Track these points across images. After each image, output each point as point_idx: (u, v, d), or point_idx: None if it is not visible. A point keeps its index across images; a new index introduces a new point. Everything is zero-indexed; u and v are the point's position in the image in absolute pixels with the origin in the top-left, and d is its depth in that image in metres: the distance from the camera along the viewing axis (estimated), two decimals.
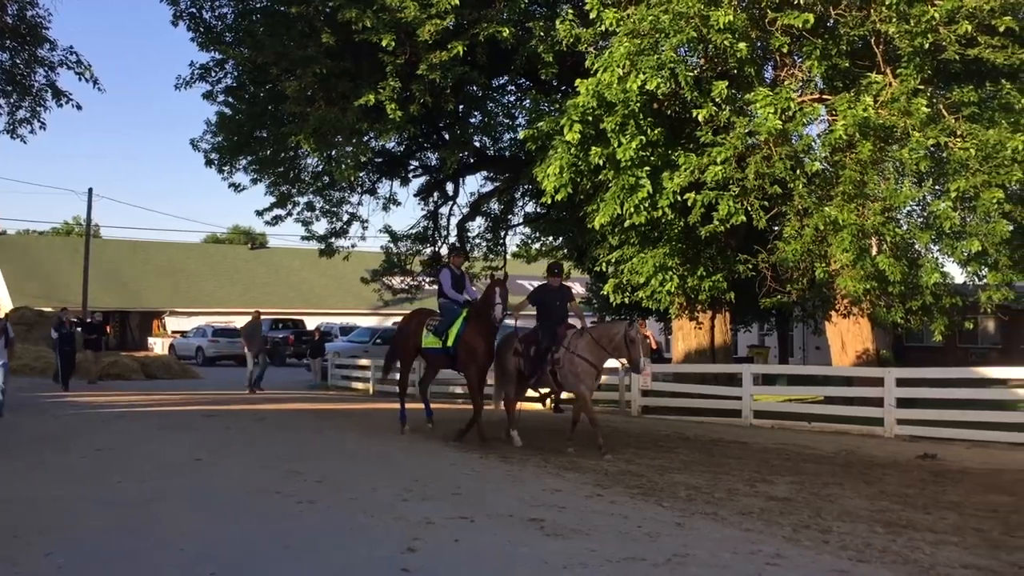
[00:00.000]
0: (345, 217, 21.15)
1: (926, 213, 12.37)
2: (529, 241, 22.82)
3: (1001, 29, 10.92)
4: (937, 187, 12.52)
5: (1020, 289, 15.02)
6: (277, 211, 20.47)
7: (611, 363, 11.93)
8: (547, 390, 11.35)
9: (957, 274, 14.13)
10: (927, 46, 11.21)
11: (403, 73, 14.58)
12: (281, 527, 6.19)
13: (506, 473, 8.90)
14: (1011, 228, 12.17)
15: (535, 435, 11.51)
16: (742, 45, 11.64)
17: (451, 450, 10.73)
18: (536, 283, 13.20)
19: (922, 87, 11.66)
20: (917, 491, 8.21)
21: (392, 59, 14.21)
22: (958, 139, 11.31)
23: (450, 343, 11.27)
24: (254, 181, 19.82)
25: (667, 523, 6.45)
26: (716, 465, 9.59)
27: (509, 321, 11.62)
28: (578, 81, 12.49)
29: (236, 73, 18.02)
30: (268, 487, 7.76)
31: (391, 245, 22.87)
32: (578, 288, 39.48)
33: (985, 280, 12.57)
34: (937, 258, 12.40)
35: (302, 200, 20.61)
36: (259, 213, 20.74)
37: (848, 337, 15.82)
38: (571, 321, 11.17)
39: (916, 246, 12.40)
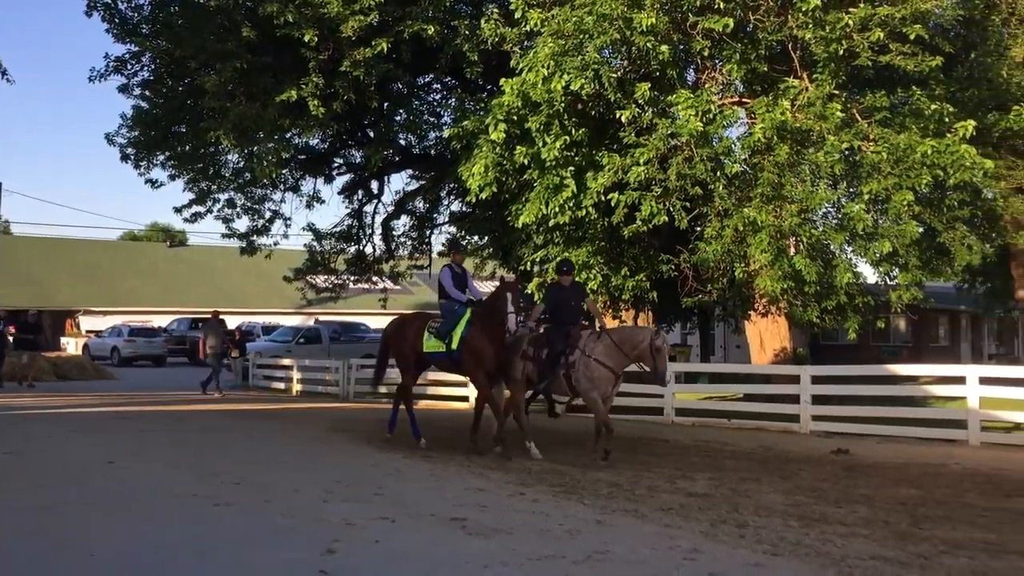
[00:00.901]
0: (267, 215, 20.81)
1: (840, 215, 12.70)
2: (455, 239, 22.76)
3: (912, 37, 11.27)
4: (851, 189, 12.87)
5: (929, 289, 15.54)
6: (196, 208, 20.00)
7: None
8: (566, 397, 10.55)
9: (869, 274, 14.58)
10: (841, 52, 11.50)
11: (326, 69, 14.41)
12: (197, 530, 6.05)
13: (429, 473, 8.86)
14: (921, 230, 12.60)
15: (458, 434, 11.48)
16: (664, 48, 11.77)
17: (375, 450, 10.63)
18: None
19: (837, 92, 11.97)
20: (830, 485, 8.44)
21: (315, 55, 14.03)
22: (871, 143, 11.64)
23: (455, 345, 10.44)
24: (172, 177, 19.34)
25: (588, 520, 6.50)
26: (638, 462, 9.69)
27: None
28: (503, 80, 12.50)
29: (153, 66, 17.57)
30: (184, 490, 7.58)
31: (315, 243, 22.59)
32: None
33: (896, 280, 12.97)
34: (850, 258, 12.74)
35: (222, 197, 20.18)
36: (177, 210, 20.26)
37: (767, 336, 16.15)
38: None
39: (831, 247, 12.72)
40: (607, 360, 9.67)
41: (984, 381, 12.08)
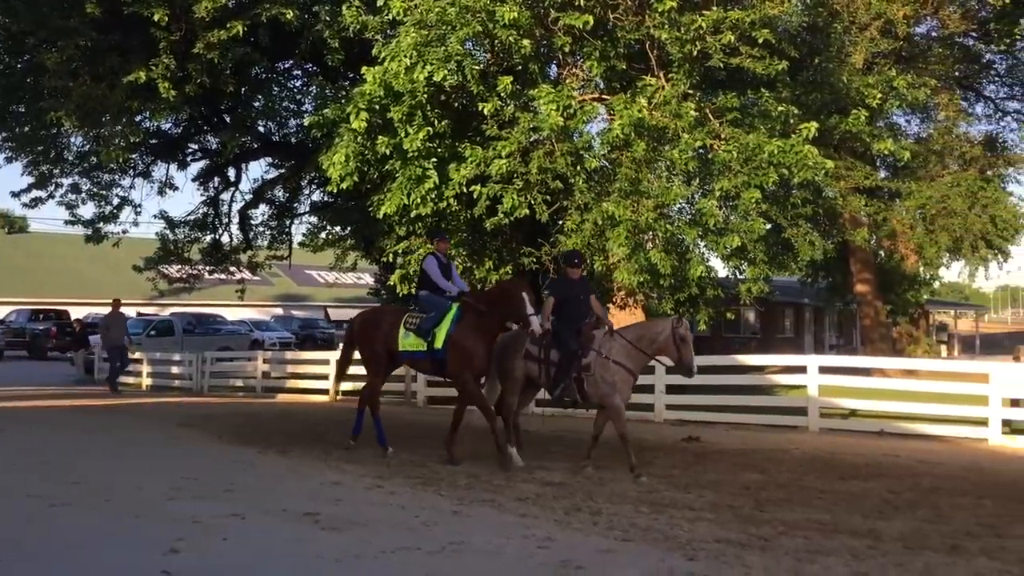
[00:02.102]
0: (115, 201, 19.82)
1: (694, 210, 13.11)
2: (316, 230, 22.31)
3: (760, 41, 11.72)
4: (704, 186, 13.30)
5: (775, 283, 16.30)
6: (37, 193, 18.86)
7: None
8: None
9: (720, 268, 15.12)
10: (695, 53, 11.86)
11: (178, 51, 13.81)
12: (31, 532, 5.70)
13: (284, 467, 8.67)
14: (767, 226, 13.17)
15: (315, 428, 11.29)
16: (526, 42, 11.86)
17: (228, 446, 10.32)
18: (323, 273, 12.81)
19: (691, 92, 12.34)
20: (681, 472, 8.74)
21: (166, 35, 13.42)
22: (722, 142, 12.06)
23: (439, 344, 9.25)
24: (9, 159, 18.23)
25: (445, 512, 6.50)
26: (495, 453, 9.72)
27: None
28: (365, 69, 12.31)
29: None
30: (18, 489, 7.15)
31: (167, 232, 21.70)
32: (368, 279, 39.24)
33: (745, 274, 13.50)
34: (703, 253, 13.16)
35: (66, 182, 19.12)
36: (15, 195, 19.07)
37: None
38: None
39: (685, 241, 13.11)
40: (626, 361, 8.85)
41: (823, 370, 12.79)
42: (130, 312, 36.59)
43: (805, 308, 37.62)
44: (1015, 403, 11.51)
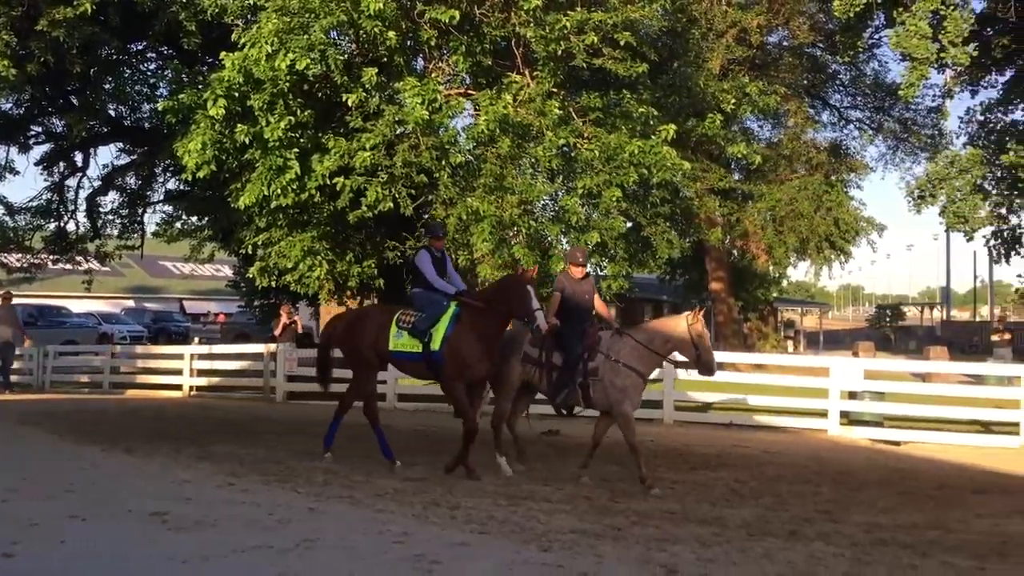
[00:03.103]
0: None
1: (557, 207, 13.32)
2: (170, 220, 21.41)
3: (622, 43, 12.00)
4: (567, 184, 13.53)
5: (635, 280, 16.72)
6: None
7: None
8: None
9: None
10: (560, 52, 12.04)
11: (20, 27, 13.01)
12: None
13: (130, 466, 8.30)
14: (628, 224, 13.53)
15: (167, 425, 10.87)
16: (392, 34, 11.75)
17: (70, 444, 9.79)
18: (178, 264, 12.30)
19: (556, 90, 12.53)
20: (541, 465, 8.87)
21: (5, 10, 12.62)
22: (585, 141, 12.31)
23: (436, 345, 8.46)
24: None
25: (300, 508, 6.36)
26: (358, 449, 9.56)
27: None
28: (224, 54, 11.91)
29: None
30: None
31: (7, 218, 20.42)
32: (227, 271, 38.04)
33: (605, 271, 13.82)
34: (565, 249, 13.39)
35: None
36: None
37: None
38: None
39: (548, 238, 13.31)
40: (637, 364, 8.25)
41: (679, 365, 13.18)
42: None
43: (664, 305, 38.78)
44: (852, 396, 12.20)
